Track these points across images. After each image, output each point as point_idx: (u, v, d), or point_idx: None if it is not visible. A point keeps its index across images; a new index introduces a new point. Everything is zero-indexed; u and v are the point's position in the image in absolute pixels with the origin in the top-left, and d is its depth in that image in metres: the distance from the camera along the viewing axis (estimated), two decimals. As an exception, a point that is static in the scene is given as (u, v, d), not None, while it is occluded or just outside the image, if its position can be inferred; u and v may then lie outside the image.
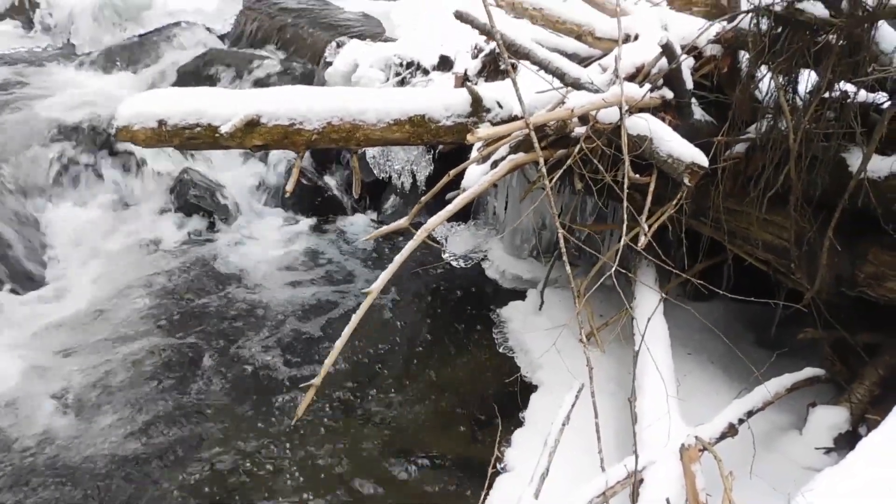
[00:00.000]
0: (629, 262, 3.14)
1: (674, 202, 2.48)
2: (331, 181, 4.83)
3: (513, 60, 2.72)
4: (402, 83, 4.56)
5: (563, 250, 2.29)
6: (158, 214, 4.38)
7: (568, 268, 2.25)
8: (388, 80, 4.58)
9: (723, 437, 2.28)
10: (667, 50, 2.50)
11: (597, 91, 2.56)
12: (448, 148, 3.67)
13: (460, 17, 2.70)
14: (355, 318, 2.52)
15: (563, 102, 2.55)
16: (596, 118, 2.43)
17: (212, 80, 5.27)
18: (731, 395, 2.64)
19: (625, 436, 2.50)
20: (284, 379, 3.09)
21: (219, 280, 3.82)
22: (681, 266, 2.81)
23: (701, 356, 3.09)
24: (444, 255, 4.15)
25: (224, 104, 2.69)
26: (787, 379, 2.59)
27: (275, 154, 4.69)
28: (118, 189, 4.44)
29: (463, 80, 4.13)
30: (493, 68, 4.22)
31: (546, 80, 2.69)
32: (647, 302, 2.86)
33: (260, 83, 5.12)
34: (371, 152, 4.49)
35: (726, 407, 2.40)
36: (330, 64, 4.95)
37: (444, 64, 4.55)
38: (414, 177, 4.59)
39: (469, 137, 2.22)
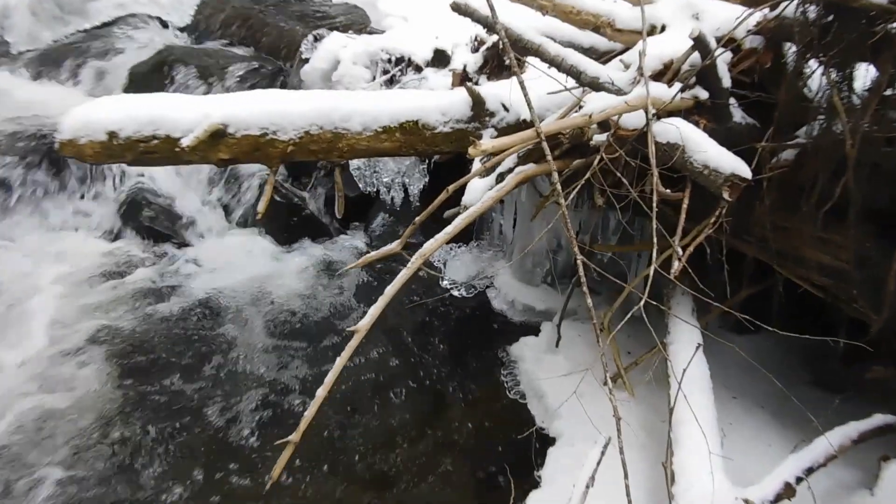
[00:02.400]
0: (661, 289, 3.13)
1: (712, 220, 2.48)
2: (308, 197, 4.83)
3: (520, 57, 2.73)
4: (391, 83, 4.59)
5: (583, 277, 2.27)
6: (105, 240, 4.37)
7: (589, 299, 2.23)
8: (374, 79, 4.61)
9: (778, 499, 2.26)
10: (699, 43, 2.51)
11: (618, 92, 2.57)
12: (445, 157, 3.68)
13: (458, 8, 2.72)
14: (339, 362, 2.51)
15: (580, 106, 2.55)
16: (618, 124, 2.44)
17: (169, 84, 5.30)
18: (786, 447, 2.62)
19: (660, 497, 2.47)
20: (257, 434, 3.06)
21: (177, 317, 3.80)
22: (721, 294, 2.80)
23: (748, 400, 3.08)
24: (443, 283, 4.15)
25: (185, 112, 2.70)
26: (853, 428, 2.56)
27: (244, 167, 4.70)
28: (57, 212, 4.43)
29: (462, 79, 4.16)
30: (496, 63, 4.26)
31: (558, 80, 2.70)
32: (683, 337, 2.85)
33: (225, 86, 5.15)
34: (356, 163, 4.51)
35: (781, 463, 2.38)
36: (307, 61, 4.98)
37: (440, 59, 4.59)
38: (406, 191, 4.62)
39: (471, 151, 2.22)
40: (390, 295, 2.53)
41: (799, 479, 2.34)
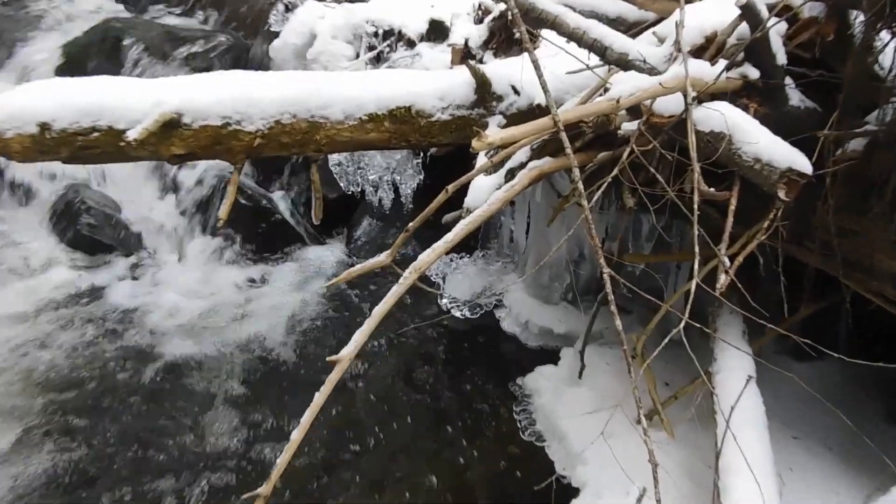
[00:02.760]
0: (705, 307, 3.14)
1: (765, 224, 2.49)
2: (279, 199, 4.85)
3: (533, 31, 2.75)
4: (377, 61, 4.62)
5: (610, 293, 2.28)
6: (36, 252, 4.38)
7: (618, 320, 2.24)
8: (357, 56, 4.64)
9: (847, 558, 2.26)
10: (748, 11, 2.52)
11: (651, 71, 2.58)
12: (444, 151, 3.70)
13: (458, -29, 2.75)
14: (318, 399, 2.51)
15: (605, 89, 2.57)
16: (651, 109, 2.45)
17: (112, 63, 5.32)
18: (857, 496, 2.62)
19: (707, 559, 2.48)
20: (219, 486, 3.07)
21: (123, 345, 3.81)
22: (777, 312, 2.80)
23: (811, 440, 3.08)
24: (443, 302, 4.16)
25: (131, 99, 2.71)
26: (937, 472, 2.57)
27: (203, 163, 4.72)
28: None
29: (463, 56, 4.18)
30: (504, 36, 4.29)
31: (578, 58, 2.71)
32: (732, 365, 2.85)
33: (180, 65, 5.18)
34: (336, 158, 4.53)
35: (851, 515, 2.38)
36: (276, 35, 5.02)
37: (437, 32, 4.62)
38: (396, 190, 4.64)
39: (474, 144, 2.23)
40: (378, 317, 2.53)
41: (873, 536, 2.34)
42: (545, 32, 2.84)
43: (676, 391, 3.21)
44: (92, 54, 5.43)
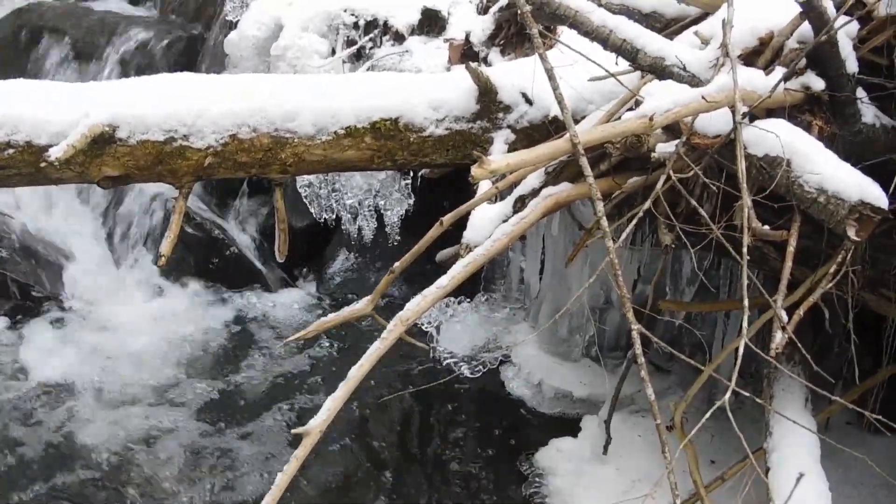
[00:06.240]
0: (759, 369, 3.14)
1: (831, 268, 2.49)
2: (235, 229, 4.87)
3: (547, 31, 2.77)
4: (357, 58, 4.64)
5: (640, 354, 2.28)
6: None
7: (650, 389, 2.24)
8: (333, 53, 4.66)
9: None
10: (811, 8, 2.54)
11: (692, 80, 2.60)
12: (438, 171, 3.71)
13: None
14: (282, 480, 2.51)
15: (636, 101, 2.58)
16: (692, 128, 2.46)
17: (31, 62, 5.34)
18: None
19: None
20: None
21: (39, 408, 3.81)
22: (849, 377, 2.80)
23: (891, 534, 3.08)
24: (436, 357, 4.16)
25: (54, 108, 2.72)
26: None
27: (142, 185, 4.73)
28: None
29: (463, 54, 4.21)
30: (514, 31, 4.32)
31: (601, 66, 2.72)
32: (791, 441, 2.84)
33: (115, 66, 5.19)
34: (306, 178, 4.52)
35: None
36: (234, 26, 5.03)
37: (431, 24, 4.64)
38: (379, 217, 4.62)
39: (474, 172, 2.23)
40: (356, 380, 2.54)
41: None
42: (562, 32, 2.86)
43: (724, 472, 3.20)
44: (5, 49, 5.46)
